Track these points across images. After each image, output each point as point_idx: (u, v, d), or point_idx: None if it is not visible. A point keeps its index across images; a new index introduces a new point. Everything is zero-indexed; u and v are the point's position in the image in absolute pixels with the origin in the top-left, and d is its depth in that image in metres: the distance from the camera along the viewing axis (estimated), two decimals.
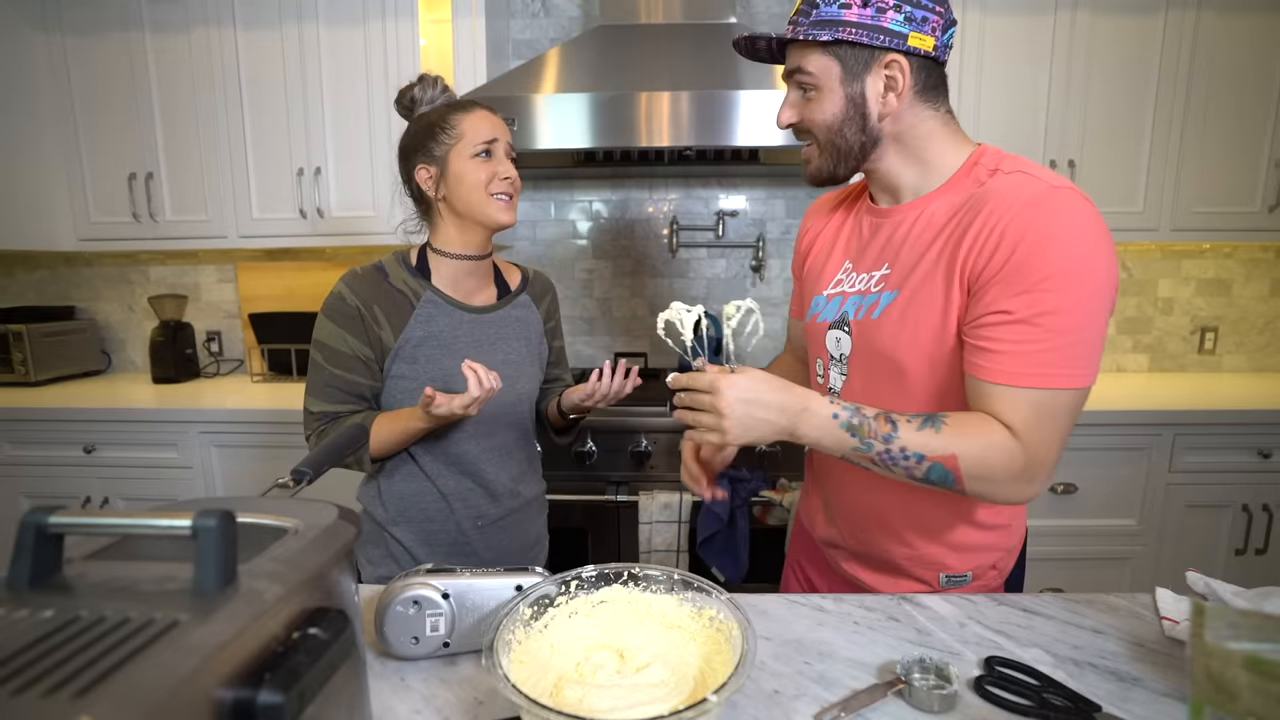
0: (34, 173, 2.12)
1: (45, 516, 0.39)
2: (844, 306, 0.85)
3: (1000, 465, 0.70)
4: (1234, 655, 0.43)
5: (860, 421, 0.71)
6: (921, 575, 0.88)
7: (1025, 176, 0.72)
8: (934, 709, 0.63)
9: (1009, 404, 0.70)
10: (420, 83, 1.07)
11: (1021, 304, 0.68)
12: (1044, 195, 0.69)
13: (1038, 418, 0.69)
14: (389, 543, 1.10)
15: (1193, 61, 1.96)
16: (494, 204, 1.04)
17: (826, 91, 0.77)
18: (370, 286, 1.04)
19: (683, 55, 1.90)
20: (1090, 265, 0.67)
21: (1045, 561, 1.88)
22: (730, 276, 2.42)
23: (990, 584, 0.89)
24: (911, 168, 0.80)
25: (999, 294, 0.69)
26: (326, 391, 1.04)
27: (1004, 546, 0.88)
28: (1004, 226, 0.69)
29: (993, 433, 0.70)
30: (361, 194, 2.09)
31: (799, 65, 0.78)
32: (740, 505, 1.70)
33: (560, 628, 0.65)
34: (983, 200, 0.72)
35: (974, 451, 0.69)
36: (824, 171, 0.82)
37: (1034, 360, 0.68)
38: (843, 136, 0.78)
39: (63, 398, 2.07)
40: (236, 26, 2.04)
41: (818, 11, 0.74)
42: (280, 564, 0.42)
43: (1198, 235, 2.06)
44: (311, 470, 1.11)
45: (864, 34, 0.72)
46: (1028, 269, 0.67)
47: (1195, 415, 1.82)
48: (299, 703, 0.38)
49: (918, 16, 0.73)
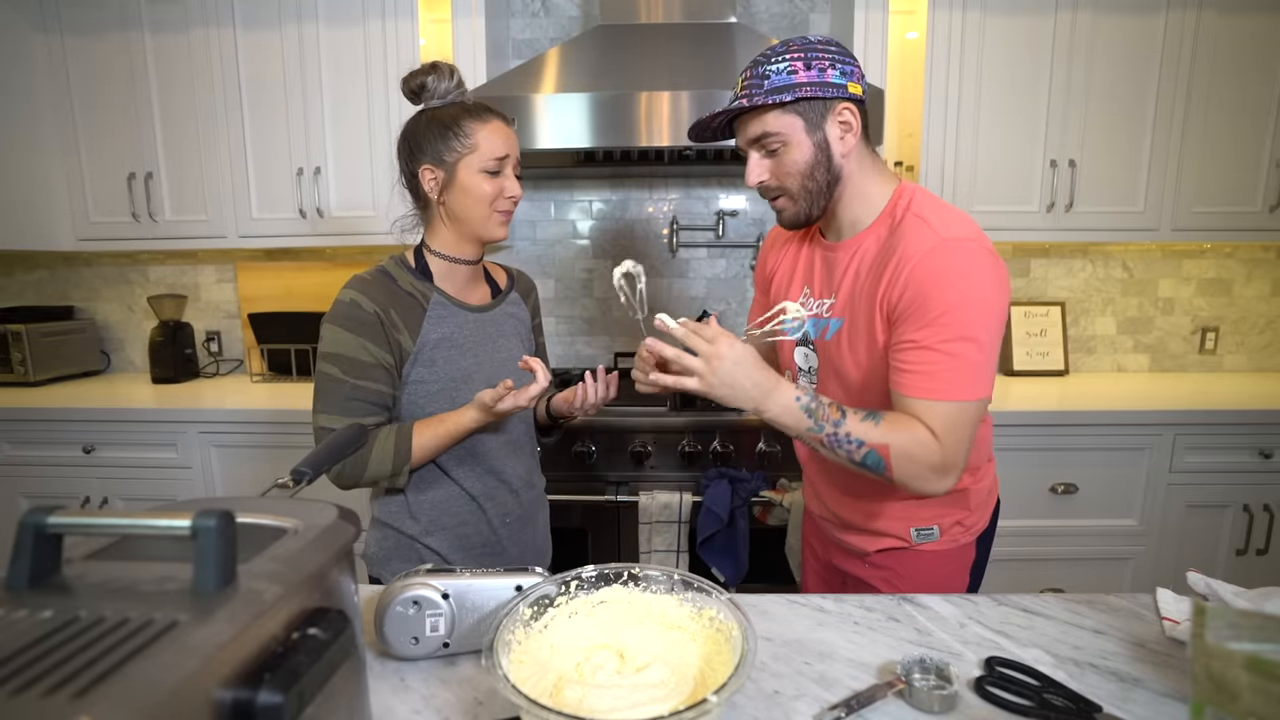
0: (33, 172, 2.12)
1: (44, 517, 0.39)
2: (805, 327, 0.98)
3: (923, 457, 0.83)
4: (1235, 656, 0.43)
5: (817, 407, 0.84)
6: (894, 531, 1.01)
7: (925, 226, 0.85)
8: (934, 709, 0.63)
9: (925, 412, 0.83)
10: (434, 71, 1.02)
11: (926, 335, 0.83)
12: (938, 247, 0.83)
13: (949, 423, 0.82)
14: (422, 554, 1.08)
15: (1193, 61, 1.96)
16: (494, 219, 1.04)
17: (794, 144, 0.89)
18: (383, 291, 1.01)
19: (683, 55, 1.90)
20: (979, 299, 0.82)
21: (1045, 561, 1.89)
22: (730, 276, 2.42)
23: (959, 539, 1.02)
24: (856, 203, 0.93)
25: (908, 327, 0.84)
26: (348, 406, 0.98)
27: (965, 506, 1.01)
28: (908, 274, 0.84)
29: (917, 431, 0.83)
30: (361, 194, 2.09)
31: (764, 130, 0.89)
32: (740, 505, 1.70)
33: (560, 628, 0.65)
34: (895, 245, 0.87)
35: (902, 444, 0.82)
36: (800, 216, 0.94)
37: (939, 379, 0.82)
38: (814, 179, 0.91)
39: (62, 398, 2.07)
40: (236, 26, 2.04)
41: (769, 81, 0.87)
42: (280, 564, 0.42)
43: (1198, 235, 2.06)
44: (311, 470, 1.11)
45: (817, 89, 0.86)
46: (929, 306, 0.82)
47: (1196, 415, 1.82)
48: (299, 703, 0.38)
49: (848, 70, 0.88)
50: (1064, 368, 2.31)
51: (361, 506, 1.18)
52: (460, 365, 1.05)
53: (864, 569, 1.05)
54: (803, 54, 0.86)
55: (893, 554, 1.02)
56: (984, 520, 1.04)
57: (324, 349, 1.00)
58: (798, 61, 0.86)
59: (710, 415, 1.78)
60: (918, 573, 1.01)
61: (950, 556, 1.02)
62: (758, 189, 0.95)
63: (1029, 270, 2.37)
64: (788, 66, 0.86)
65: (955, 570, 1.03)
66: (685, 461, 1.80)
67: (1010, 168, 2.01)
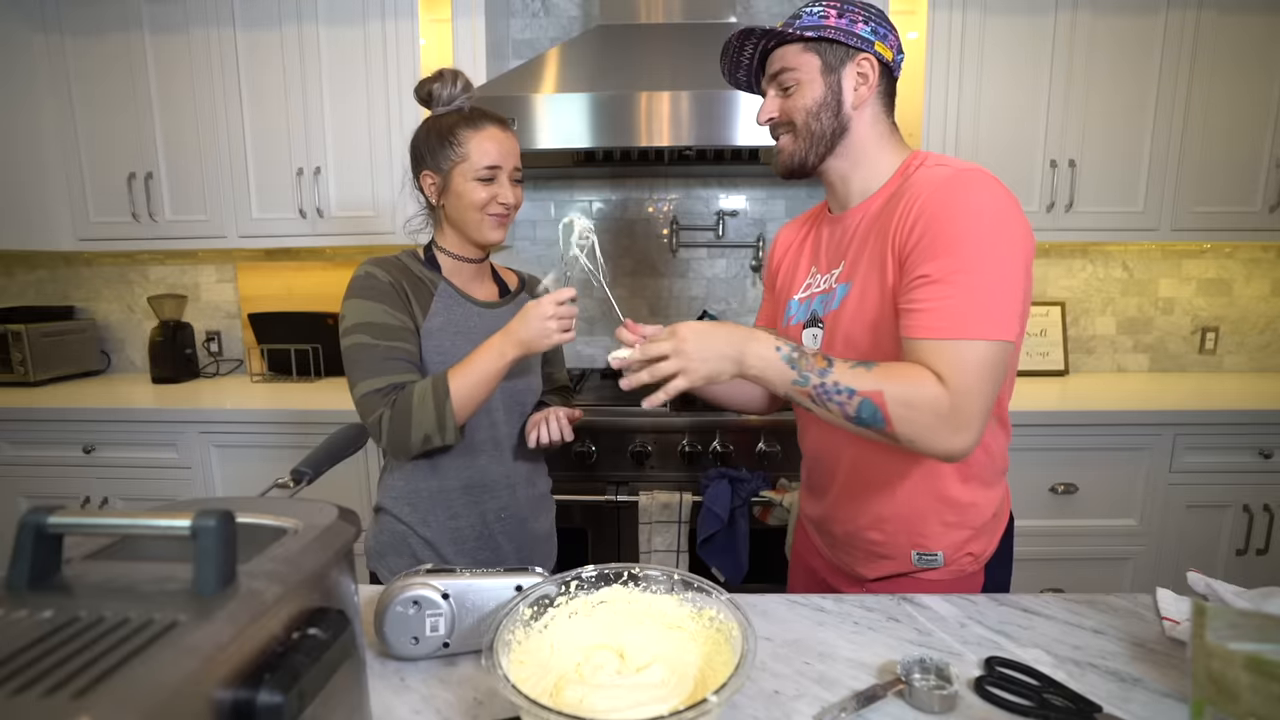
0: (33, 173, 2.12)
1: (44, 517, 0.39)
2: (812, 306, 0.96)
3: (927, 404, 0.74)
4: (1235, 656, 0.43)
5: (799, 356, 0.78)
6: (895, 552, 0.93)
7: (940, 166, 0.83)
8: (934, 709, 0.63)
9: (934, 355, 0.75)
10: (439, 79, 1.06)
11: (936, 267, 0.76)
12: (951, 177, 0.79)
13: (960, 365, 0.74)
14: (415, 546, 1.10)
15: (1193, 61, 1.96)
16: (486, 223, 1.07)
17: (808, 82, 0.89)
18: (396, 268, 1.06)
19: (683, 55, 1.90)
20: (995, 229, 0.76)
21: (1045, 561, 1.88)
22: (730, 276, 2.42)
23: (966, 569, 0.92)
24: (860, 169, 0.91)
25: (918, 261, 0.78)
26: (386, 365, 1.00)
27: (971, 525, 0.91)
28: (919, 206, 0.79)
29: (921, 376, 0.75)
30: (361, 194, 2.09)
31: (783, 65, 0.90)
32: (740, 505, 1.70)
33: (560, 628, 0.65)
34: (905, 190, 0.84)
35: (899, 391, 0.74)
36: (796, 157, 0.92)
37: (950, 314, 0.75)
38: (819, 120, 0.89)
39: (62, 398, 2.07)
40: (236, 26, 2.04)
41: (799, 21, 0.88)
42: (280, 564, 0.42)
43: (1198, 235, 2.06)
44: (311, 470, 1.11)
45: (842, 35, 0.87)
46: (941, 237, 0.76)
47: (1196, 415, 1.82)
48: (299, 703, 0.38)
49: (881, 31, 0.88)
50: (1064, 368, 2.31)
51: (362, 506, 1.18)
52: (466, 353, 1.05)
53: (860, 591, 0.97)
54: (839, 4, 0.88)
55: (892, 582, 0.94)
56: (992, 546, 0.94)
57: (349, 322, 1.02)
58: (831, 9, 0.88)
59: (710, 415, 1.78)
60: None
61: (955, 586, 0.92)
62: (767, 125, 0.94)
63: None
64: (821, 11, 0.88)
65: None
66: (685, 461, 1.80)
67: (1010, 168, 2.01)
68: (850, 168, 0.92)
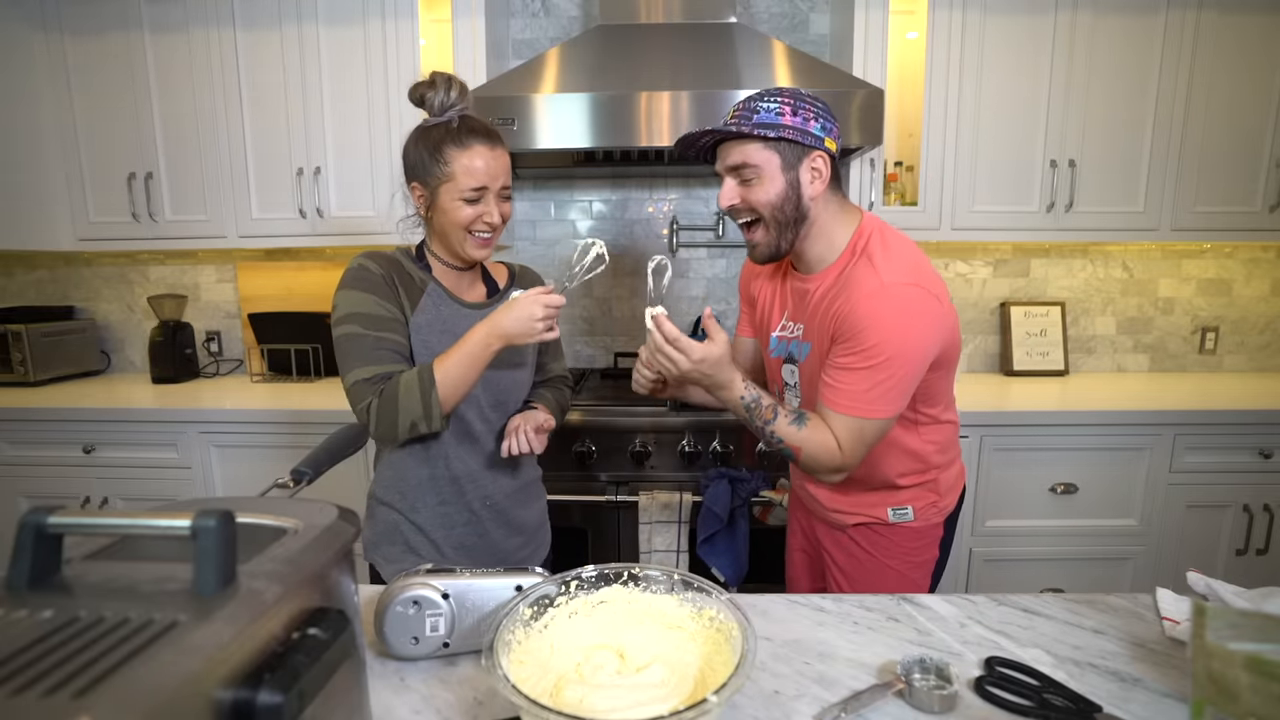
0: (33, 172, 2.12)
1: (44, 517, 0.39)
2: (789, 347, 1.12)
3: (824, 460, 1.00)
4: (1235, 656, 0.43)
5: (755, 406, 1.02)
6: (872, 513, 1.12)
7: (870, 269, 0.98)
8: (934, 709, 0.63)
9: (838, 424, 0.98)
10: (432, 85, 1.04)
11: (851, 359, 0.97)
12: (878, 290, 0.95)
13: (853, 437, 0.98)
14: (407, 534, 1.12)
15: (1193, 61, 1.96)
16: (470, 241, 1.07)
17: (768, 178, 0.99)
18: (388, 262, 1.08)
19: (682, 55, 1.90)
20: (900, 339, 0.94)
21: (1045, 561, 1.88)
22: (730, 276, 2.42)
23: (931, 519, 1.13)
24: (821, 242, 1.05)
25: (841, 350, 0.98)
26: (375, 354, 1.02)
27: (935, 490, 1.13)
28: (849, 309, 0.97)
29: (827, 440, 0.99)
30: (361, 194, 2.09)
31: (744, 160, 0.99)
32: (740, 505, 1.70)
33: (560, 628, 0.65)
34: (845, 284, 1.00)
35: (811, 449, 1.00)
36: (772, 247, 1.04)
37: (853, 397, 0.96)
38: (784, 212, 1.01)
39: (62, 398, 2.06)
40: (236, 26, 2.04)
41: (758, 116, 0.97)
42: (280, 564, 0.42)
43: (1198, 235, 2.06)
44: (311, 470, 1.12)
45: (798, 135, 0.97)
46: (860, 338, 0.95)
47: (1196, 415, 1.82)
48: (299, 703, 0.38)
49: (829, 127, 1.00)
50: (1064, 368, 2.31)
51: (362, 505, 1.18)
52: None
53: (843, 539, 1.16)
54: (792, 101, 0.97)
55: (869, 529, 1.13)
56: (953, 502, 1.16)
57: (340, 313, 1.03)
58: (786, 107, 0.97)
59: (710, 415, 1.78)
60: (892, 545, 1.12)
61: (922, 532, 1.13)
62: (728, 212, 1.05)
63: (1029, 270, 2.37)
64: (777, 109, 0.97)
65: (925, 544, 1.13)
66: (685, 461, 1.80)
67: (1010, 167, 2.01)
68: (811, 245, 1.05)
